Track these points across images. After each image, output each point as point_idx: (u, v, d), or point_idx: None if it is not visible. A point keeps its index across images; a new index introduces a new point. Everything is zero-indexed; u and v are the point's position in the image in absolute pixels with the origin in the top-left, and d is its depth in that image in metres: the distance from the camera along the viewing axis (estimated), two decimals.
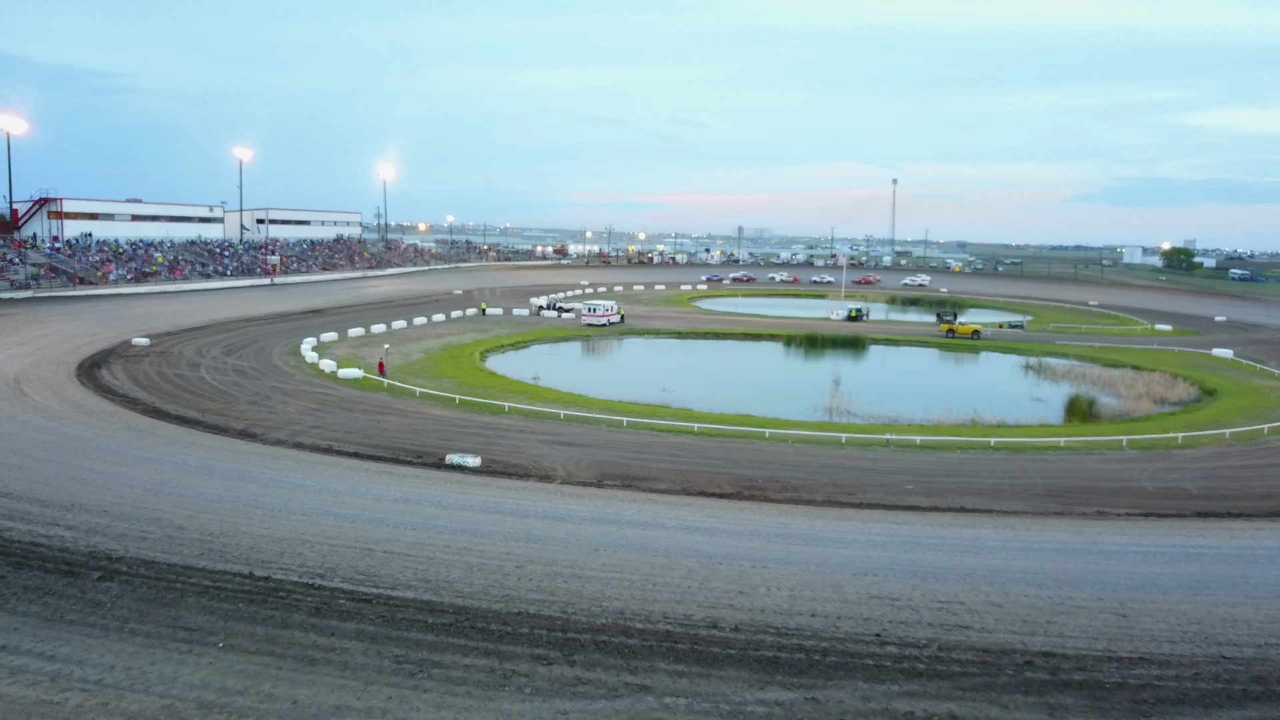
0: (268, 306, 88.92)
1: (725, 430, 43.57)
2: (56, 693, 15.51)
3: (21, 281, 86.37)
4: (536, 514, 28.43)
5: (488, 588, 21.32)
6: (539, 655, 17.76)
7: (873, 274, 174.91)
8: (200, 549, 23.07)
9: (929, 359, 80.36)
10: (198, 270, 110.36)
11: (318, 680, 16.35)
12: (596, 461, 36.24)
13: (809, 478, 35.13)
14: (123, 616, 18.76)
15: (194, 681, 16.08)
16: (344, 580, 21.38)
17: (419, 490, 30.81)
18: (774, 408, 50.13)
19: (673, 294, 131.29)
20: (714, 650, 18.30)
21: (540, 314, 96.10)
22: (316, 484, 30.97)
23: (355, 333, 74.81)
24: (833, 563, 24.54)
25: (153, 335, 65.46)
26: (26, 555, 22.04)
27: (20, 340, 59.74)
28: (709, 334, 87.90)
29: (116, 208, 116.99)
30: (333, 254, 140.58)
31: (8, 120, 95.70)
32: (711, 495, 32.28)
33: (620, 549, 24.94)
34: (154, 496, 27.82)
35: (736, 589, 21.97)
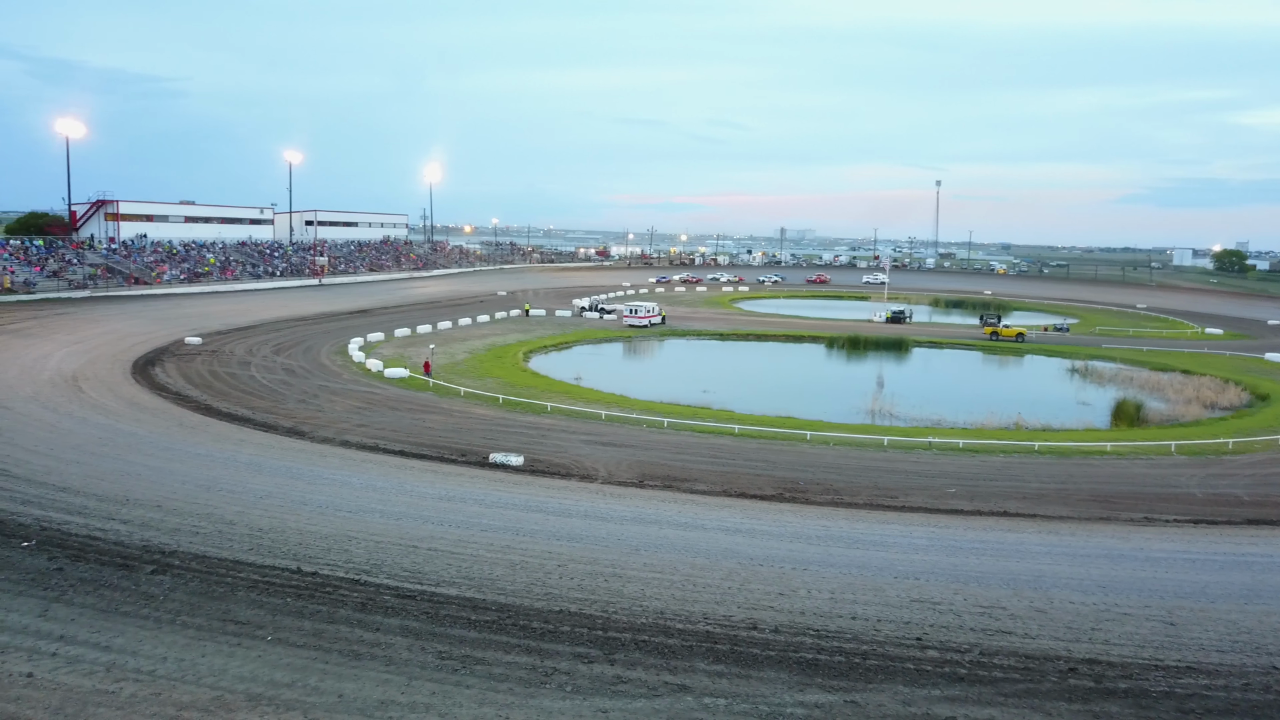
0: (316, 307, 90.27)
1: (766, 432, 43.52)
2: (111, 682, 15.96)
3: (79, 281, 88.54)
4: (578, 513, 28.66)
5: (530, 586, 21.56)
6: (580, 654, 17.93)
7: (824, 273, 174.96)
8: (250, 544, 23.57)
9: (972, 362, 79.54)
10: (248, 271, 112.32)
11: (363, 674, 16.66)
12: (637, 462, 36.40)
13: (851, 480, 35.00)
14: (175, 609, 19.24)
15: (243, 674, 16.46)
16: (389, 577, 21.73)
17: (463, 488, 31.17)
18: (816, 410, 49.97)
19: (714, 295, 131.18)
20: (753, 651, 18.35)
21: (582, 315, 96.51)
22: (363, 481, 31.46)
23: (401, 333, 75.69)
24: (874, 566, 24.46)
25: (205, 334, 66.77)
26: (83, 548, 22.67)
27: (78, 339, 61.26)
28: (750, 335, 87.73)
29: (170, 209, 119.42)
30: (380, 255, 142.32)
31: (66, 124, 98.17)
32: (752, 497, 32.28)
33: (661, 549, 25.06)
34: (205, 492, 28.45)
35: (777, 590, 21.99)
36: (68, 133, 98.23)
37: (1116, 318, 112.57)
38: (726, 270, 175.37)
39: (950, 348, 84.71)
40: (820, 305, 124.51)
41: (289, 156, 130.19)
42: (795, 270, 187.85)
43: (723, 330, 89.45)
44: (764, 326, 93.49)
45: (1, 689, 15.55)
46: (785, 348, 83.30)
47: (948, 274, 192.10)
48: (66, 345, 58.05)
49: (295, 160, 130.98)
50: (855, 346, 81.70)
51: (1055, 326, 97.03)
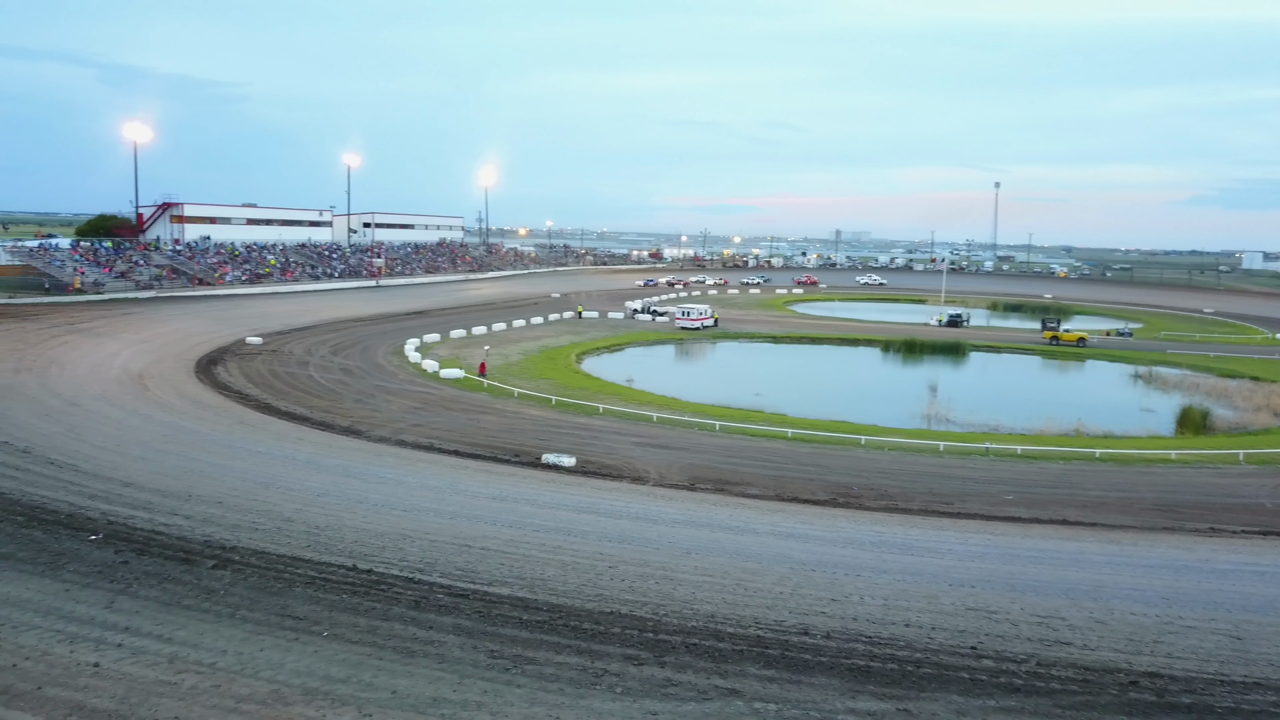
0: (373, 308, 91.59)
1: (820, 436, 43.18)
2: (173, 674, 16.35)
3: (146, 282, 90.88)
4: (629, 515, 28.69)
5: (581, 587, 21.63)
6: (630, 655, 17.95)
7: (813, 274, 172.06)
8: (307, 541, 23.98)
9: (1032, 366, 78.15)
10: (307, 272, 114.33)
11: (416, 671, 16.85)
12: (689, 465, 36.35)
13: (905, 486, 34.58)
14: (234, 603, 19.65)
15: (300, 668, 16.74)
16: (442, 575, 21.96)
17: (515, 488, 31.39)
18: (870, 414, 49.45)
19: (768, 298, 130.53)
20: (805, 657, 18.21)
21: (635, 317, 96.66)
22: (417, 480, 31.83)
23: (457, 334, 76.48)
24: (928, 573, 24.14)
25: (265, 334, 68.10)
26: (148, 542, 23.25)
27: (144, 338, 62.88)
28: (804, 339, 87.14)
29: (233, 212, 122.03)
30: (436, 257, 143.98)
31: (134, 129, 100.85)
32: (805, 501, 32.05)
33: (712, 553, 24.99)
34: (265, 489, 29.01)
35: (829, 596, 21.80)
36: (135, 137, 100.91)
37: (1182, 322, 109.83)
38: (732, 272, 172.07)
39: (1009, 352, 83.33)
40: (876, 308, 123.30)
41: (347, 159, 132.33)
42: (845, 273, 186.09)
43: (776, 333, 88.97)
44: (818, 329, 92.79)
45: (70, 677, 16.02)
46: (840, 351, 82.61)
47: (1006, 277, 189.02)
48: (133, 344, 59.60)
49: (353, 163, 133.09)
50: (911, 350, 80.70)
51: (1118, 331, 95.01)
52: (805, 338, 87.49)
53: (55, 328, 64.04)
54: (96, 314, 73.30)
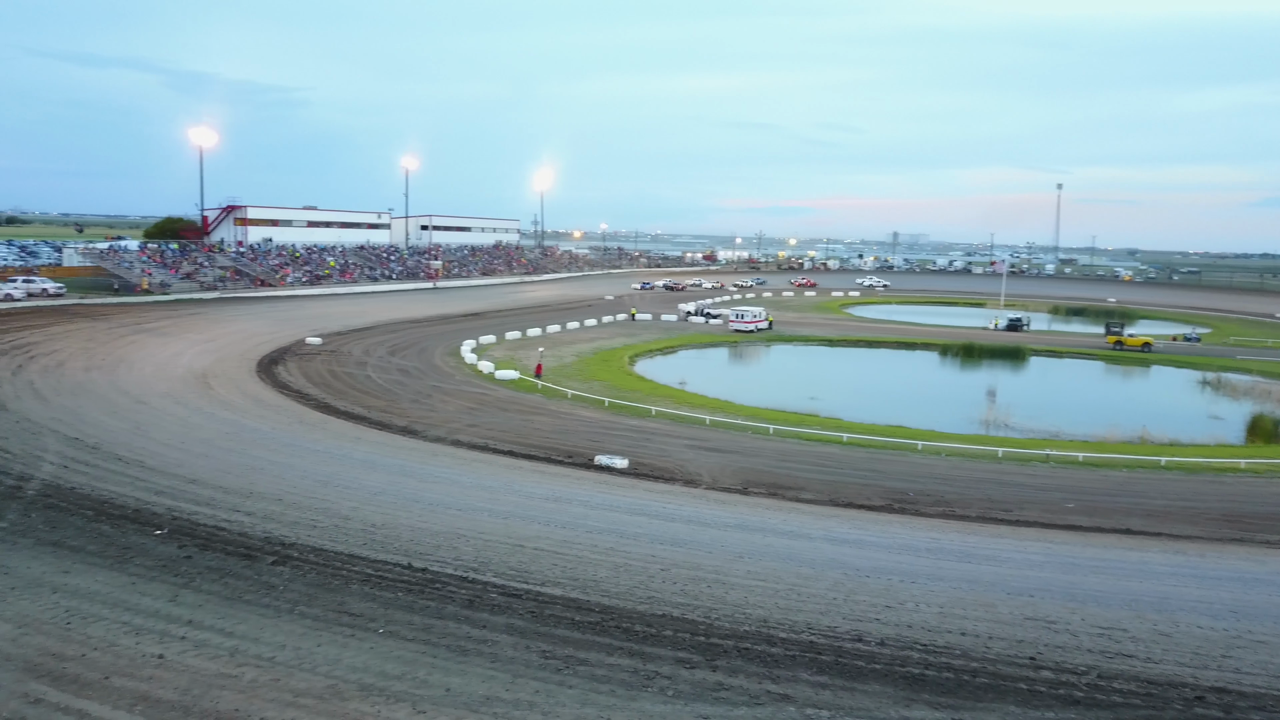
0: (430, 309, 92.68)
1: (875, 441, 42.71)
2: (234, 667, 16.71)
3: (210, 283, 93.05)
4: (681, 518, 28.66)
5: (633, 589, 21.66)
6: (681, 658, 17.92)
7: (810, 276, 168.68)
8: (364, 539, 24.33)
9: (1094, 372, 76.49)
10: (366, 274, 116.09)
11: (469, 670, 17.01)
12: (742, 468, 36.19)
13: (962, 492, 34.06)
14: (293, 599, 20.01)
15: (356, 664, 17.00)
16: (496, 575, 22.13)
17: (569, 489, 31.52)
18: (927, 419, 48.81)
19: (823, 300, 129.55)
20: (858, 664, 18.03)
21: (688, 319, 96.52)
22: (472, 480, 32.12)
23: (512, 336, 77.06)
24: (985, 581, 23.74)
25: (325, 335, 69.27)
26: (210, 538, 23.79)
27: (208, 338, 64.35)
28: (860, 342, 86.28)
29: (294, 214, 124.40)
30: (492, 259, 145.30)
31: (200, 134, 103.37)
32: (859, 507, 31.72)
33: (765, 557, 24.85)
34: (323, 487, 29.50)
35: (883, 603, 21.56)
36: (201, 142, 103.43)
37: (1253, 327, 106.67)
38: (730, 275, 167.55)
39: (1070, 357, 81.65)
40: (934, 312, 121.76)
41: (405, 163, 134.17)
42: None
43: (831, 336, 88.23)
44: (874, 333, 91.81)
45: (136, 668, 16.45)
46: (896, 355, 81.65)
47: (1069, 280, 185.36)
48: (197, 344, 61.00)
49: (411, 167, 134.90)
50: (970, 354, 79.50)
51: (1185, 336, 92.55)
52: (861, 341, 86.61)
53: (124, 327, 65.82)
54: (163, 314, 75.20)
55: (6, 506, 25.37)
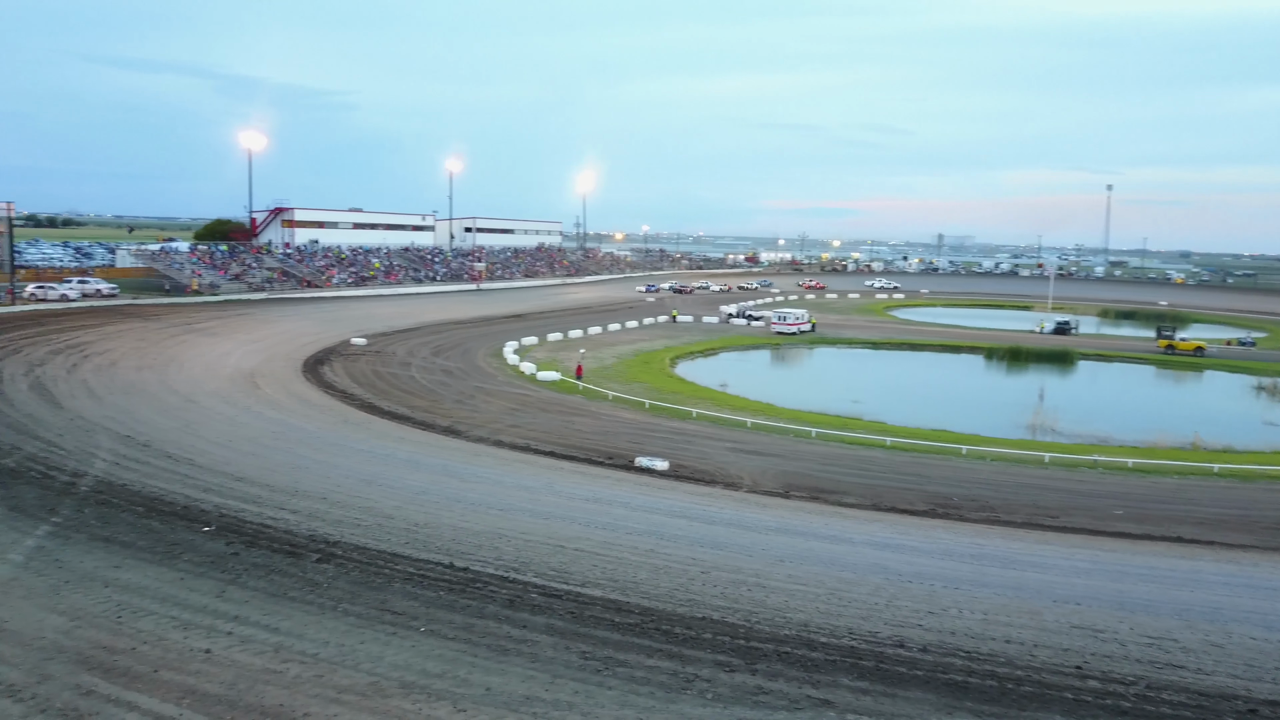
0: (473, 310, 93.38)
1: (919, 445, 42.29)
2: (279, 663, 16.94)
3: (258, 284, 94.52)
4: (722, 521, 28.58)
5: (673, 591, 21.63)
6: (721, 662, 17.86)
7: (819, 278, 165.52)
8: (406, 538, 24.56)
9: (1144, 377, 75.14)
10: (410, 275, 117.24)
11: (509, 670, 17.08)
12: (783, 472, 36.01)
13: (1007, 498, 33.60)
14: (336, 596, 20.25)
15: (397, 662, 17.16)
16: (536, 575, 22.22)
17: (609, 491, 31.57)
18: (972, 423, 48.25)
19: (867, 303, 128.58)
20: (900, 670, 17.85)
21: (730, 321, 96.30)
22: (514, 481, 32.30)
23: (554, 337, 77.40)
24: (1030, 587, 23.39)
25: (369, 335, 70.07)
26: (256, 535, 24.15)
27: (256, 338, 65.38)
28: (904, 345, 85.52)
29: (340, 216, 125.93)
30: (534, 261, 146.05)
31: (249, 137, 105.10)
32: (902, 511, 31.42)
33: (806, 561, 24.70)
34: (367, 486, 29.82)
35: (926, 609, 21.32)
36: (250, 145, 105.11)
37: None
38: (739, 277, 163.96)
39: (1120, 361, 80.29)
40: (980, 315, 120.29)
41: (449, 165, 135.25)
42: (949, 278, 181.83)
43: (875, 339, 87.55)
44: (919, 336, 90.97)
45: (183, 662, 16.74)
46: (941, 358, 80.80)
47: (1119, 283, 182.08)
48: (245, 344, 62.00)
49: (455, 169, 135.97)
50: (1016, 358, 78.48)
51: (1240, 340, 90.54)
52: (905, 344, 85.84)
53: (174, 327, 67.08)
54: (212, 314, 76.52)
55: (61, 502, 25.96)
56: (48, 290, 75.62)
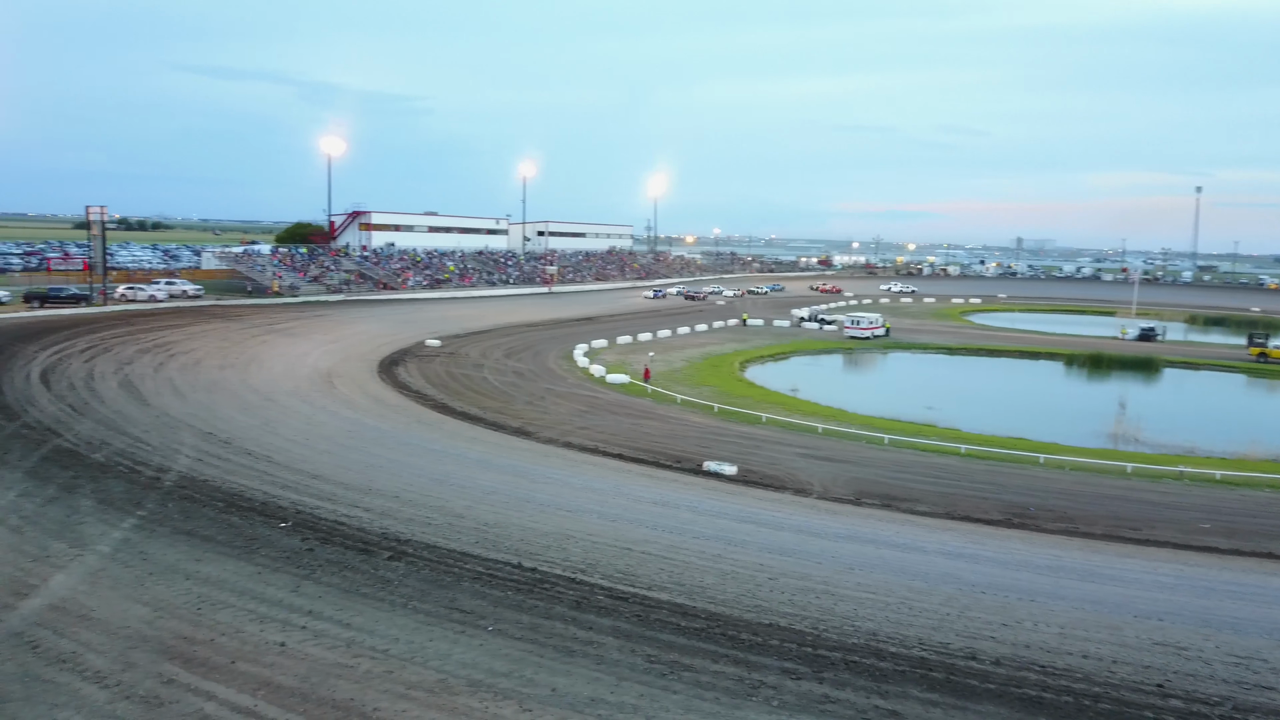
0: (545, 313, 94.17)
1: (995, 453, 41.36)
2: (350, 657, 17.26)
3: (335, 286, 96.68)
4: (791, 527, 28.31)
5: (739, 596, 21.49)
6: (788, 669, 17.68)
7: (835, 281, 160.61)
8: (476, 537, 24.83)
9: (1235, 385, 72.43)
10: (484, 278, 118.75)
11: (575, 671, 17.14)
12: (854, 478, 35.54)
13: (1087, 508, 32.66)
14: (407, 594, 20.56)
15: (465, 660, 17.34)
16: (603, 577, 22.27)
17: (677, 494, 31.51)
18: (1051, 432, 47.03)
19: (943, 307, 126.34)
20: (971, 682, 17.45)
21: (801, 325, 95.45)
22: (582, 482, 32.44)
23: (623, 340, 77.62)
24: (1110, 602, 22.69)
25: (443, 337, 71.11)
26: (331, 532, 24.66)
27: (333, 339, 66.85)
28: (981, 350, 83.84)
29: (416, 220, 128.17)
30: (605, 265, 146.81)
31: (328, 142, 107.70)
32: (977, 521, 30.76)
33: (876, 569, 24.33)
34: (438, 486, 30.24)
35: (999, 620, 20.83)
36: (330, 150, 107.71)
37: None
38: (751, 281, 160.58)
39: (1208, 369, 77.56)
40: (1060, 320, 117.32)
41: (523, 170, 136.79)
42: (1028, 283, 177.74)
43: (951, 344, 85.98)
44: (997, 341, 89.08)
45: (259, 654, 17.16)
46: (1019, 364, 79.01)
47: (1207, 289, 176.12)
48: (323, 345, 63.42)
49: (528, 173, 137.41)
50: (1097, 365, 76.31)
51: None
52: (983, 350, 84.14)
53: (255, 327, 68.96)
54: (291, 315, 78.48)
55: (146, 496, 26.85)
56: (137, 291, 78.46)
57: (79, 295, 73.09)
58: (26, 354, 50.14)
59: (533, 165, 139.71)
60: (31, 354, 50.27)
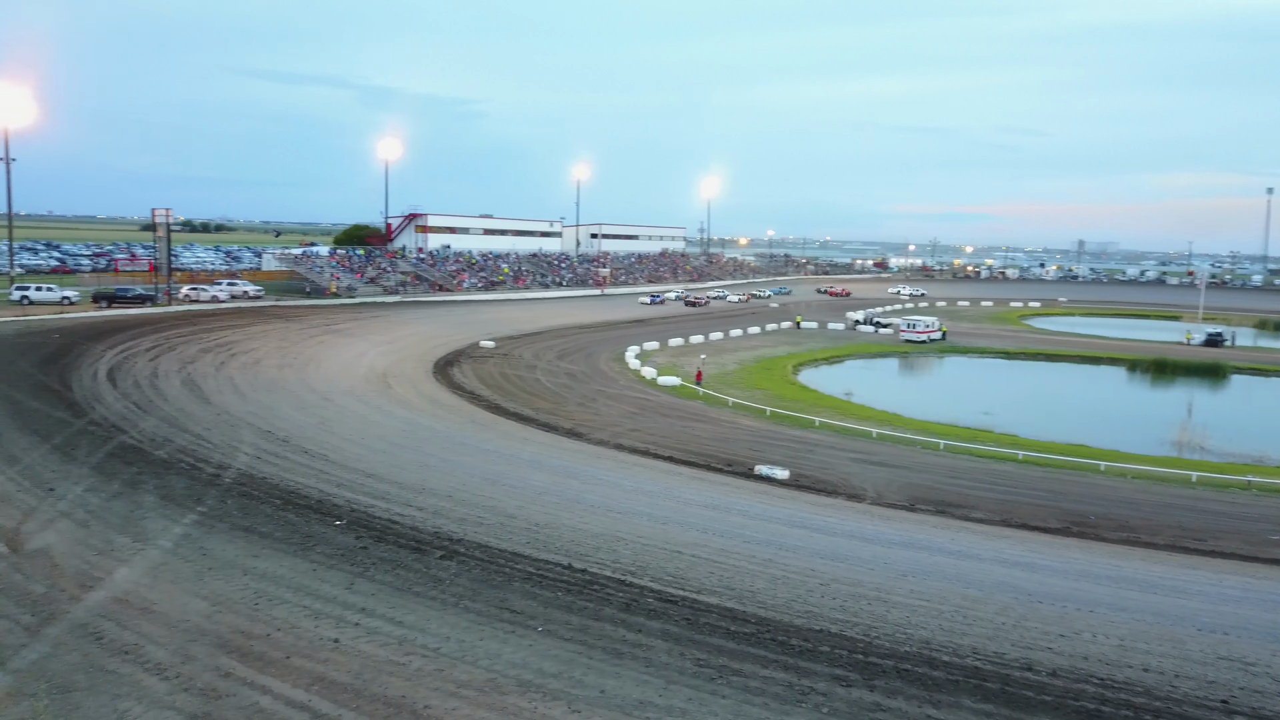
0: (597, 315, 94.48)
1: (1054, 460, 40.55)
2: (402, 655, 17.45)
3: (392, 287, 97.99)
4: (843, 532, 28.02)
5: (790, 602, 21.32)
6: (838, 676, 17.50)
7: (845, 284, 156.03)
8: (527, 538, 24.96)
9: None
10: (537, 280, 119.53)
11: (624, 673, 17.14)
12: (909, 484, 35.08)
13: (1149, 518, 31.86)
14: (458, 593, 20.73)
15: (515, 660, 17.44)
16: (653, 580, 22.25)
17: (727, 498, 31.37)
18: (1112, 439, 45.96)
19: (1001, 311, 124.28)
20: (1027, 694, 17.11)
21: (856, 328, 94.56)
22: (633, 484, 32.45)
23: (675, 342, 77.55)
24: (1173, 614, 22.10)
25: (497, 338, 71.69)
26: (384, 530, 24.97)
27: (389, 339, 67.75)
28: (1040, 355, 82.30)
29: (471, 222, 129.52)
30: (658, 267, 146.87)
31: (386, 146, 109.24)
32: (1034, 529, 30.17)
33: (930, 577, 23.98)
34: (491, 486, 30.47)
35: (1057, 631, 20.40)
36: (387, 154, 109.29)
37: None
38: (756, 285, 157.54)
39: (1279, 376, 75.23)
40: (1123, 325, 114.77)
41: (577, 173, 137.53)
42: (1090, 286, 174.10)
43: (1009, 349, 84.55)
44: (1057, 346, 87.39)
45: (313, 650, 17.43)
46: (1080, 370, 77.40)
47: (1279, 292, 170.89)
48: (379, 345, 64.31)
49: (582, 176, 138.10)
50: (1161, 371, 74.45)
51: None
52: (1041, 354, 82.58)
53: (314, 328, 70.17)
54: (349, 316, 79.71)
55: (206, 492, 27.43)
56: (200, 291, 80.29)
57: (144, 295, 75.00)
58: (94, 352, 51.56)
59: (587, 168, 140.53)
60: (99, 352, 51.69)
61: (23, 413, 36.00)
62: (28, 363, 45.94)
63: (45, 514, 24.57)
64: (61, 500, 25.82)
